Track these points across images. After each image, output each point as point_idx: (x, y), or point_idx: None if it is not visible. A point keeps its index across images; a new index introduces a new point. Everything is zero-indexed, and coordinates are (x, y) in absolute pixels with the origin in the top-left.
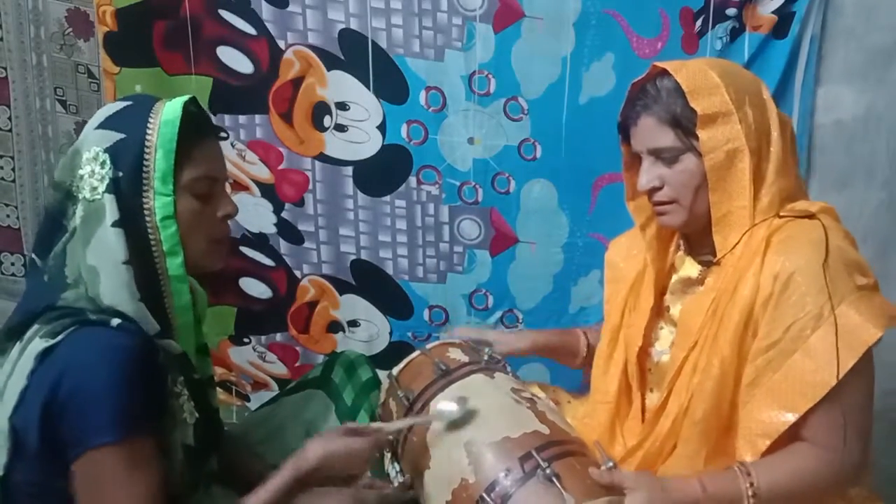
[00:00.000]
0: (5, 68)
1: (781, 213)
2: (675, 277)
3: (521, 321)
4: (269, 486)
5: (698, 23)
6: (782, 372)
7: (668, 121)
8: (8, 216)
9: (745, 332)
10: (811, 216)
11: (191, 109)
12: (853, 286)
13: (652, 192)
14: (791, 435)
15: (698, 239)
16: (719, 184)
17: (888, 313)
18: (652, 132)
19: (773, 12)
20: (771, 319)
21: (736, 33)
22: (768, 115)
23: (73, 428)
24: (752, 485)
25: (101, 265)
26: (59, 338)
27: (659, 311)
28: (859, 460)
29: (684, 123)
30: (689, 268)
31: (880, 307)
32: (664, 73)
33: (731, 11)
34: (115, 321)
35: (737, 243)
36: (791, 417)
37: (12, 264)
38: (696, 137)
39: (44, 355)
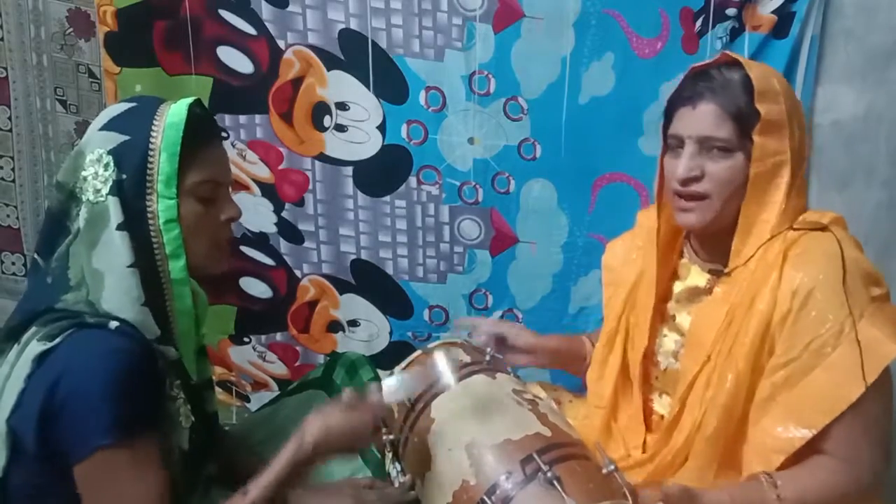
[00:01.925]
0: (6, 68)
1: (795, 226)
2: (680, 286)
3: (520, 321)
4: (271, 469)
5: (698, 23)
6: (800, 388)
7: (732, 113)
8: (8, 216)
9: (762, 347)
10: (823, 228)
11: (196, 112)
12: (869, 299)
13: (688, 182)
14: (806, 450)
15: (710, 245)
16: (756, 194)
17: None
18: (711, 120)
19: (772, 12)
20: (789, 336)
21: (736, 33)
22: (804, 137)
23: (71, 431)
24: (778, 497)
25: (106, 268)
26: (57, 341)
27: (662, 318)
28: (880, 472)
29: (744, 121)
30: (697, 276)
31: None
32: (734, 63)
33: (731, 11)
34: (114, 324)
35: (751, 256)
36: (808, 434)
37: (13, 263)
38: (749, 140)
39: (41, 358)
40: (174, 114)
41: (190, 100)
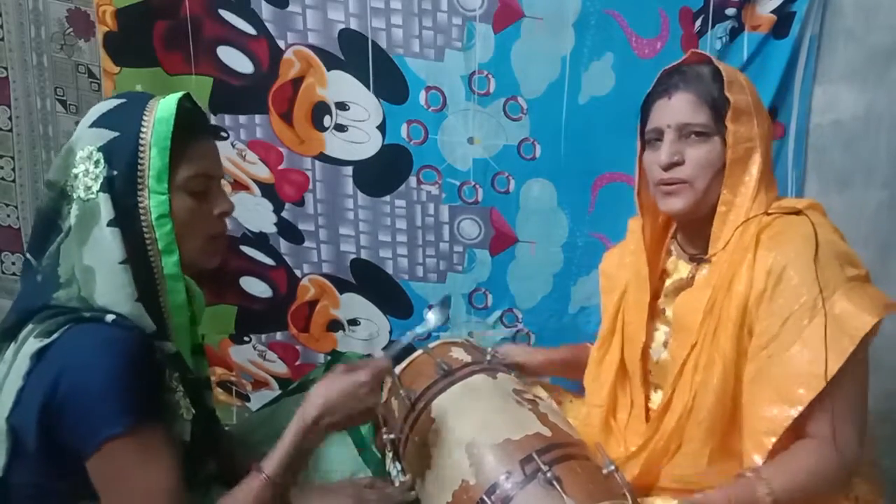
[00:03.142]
0: (6, 68)
1: (770, 211)
2: (668, 282)
3: (520, 320)
4: (280, 444)
5: (698, 23)
6: (782, 366)
7: (707, 100)
8: (8, 216)
9: (742, 329)
10: (798, 212)
11: (185, 106)
12: (844, 277)
13: (670, 167)
14: (797, 431)
15: (692, 233)
16: (732, 179)
17: (881, 302)
18: (688, 107)
19: (772, 12)
20: (768, 314)
21: (735, 33)
22: (770, 127)
23: (78, 426)
24: (768, 486)
25: (97, 265)
26: (54, 336)
27: (654, 314)
28: (858, 452)
29: (718, 108)
30: (682, 269)
31: (873, 296)
32: (702, 60)
33: (731, 11)
34: (110, 317)
35: (728, 241)
36: (794, 412)
37: (13, 263)
38: (724, 126)
39: (39, 354)
40: (163, 109)
41: (179, 94)
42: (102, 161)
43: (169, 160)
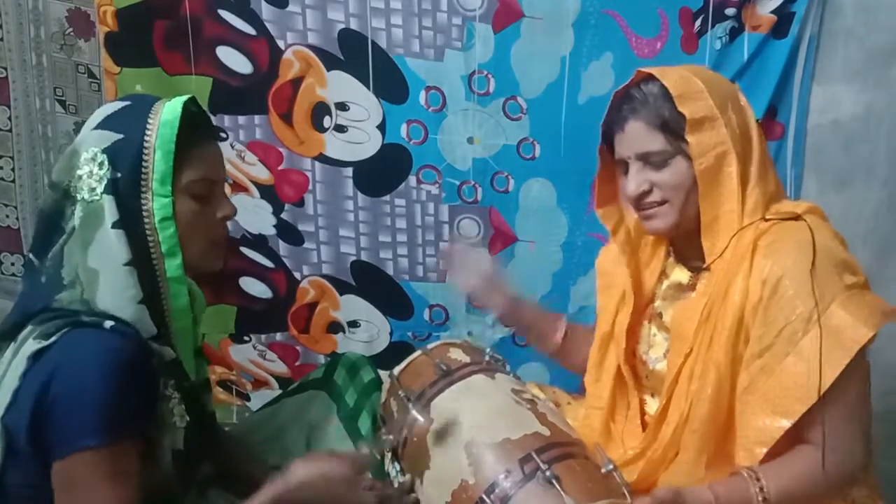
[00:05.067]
0: (5, 68)
1: (767, 216)
2: (665, 283)
3: None
4: (253, 500)
5: (697, 23)
6: (775, 377)
7: (658, 125)
8: (7, 216)
9: (738, 337)
10: (797, 217)
11: (191, 110)
12: (842, 286)
13: (641, 196)
14: (794, 439)
15: (686, 245)
16: (709, 188)
17: (880, 311)
18: (641, 136)
19: (772, 12)
20: (762, 324)
21: (735, 33)
22: (748, 120)
23: (57, 429)
24: (761, 489)
25: (101, 267)
26: (52, 339)
27: (651, 317)
28: (862, 459)
29: (673, 127)
30: (680, 274)
31: (871, 306)
32: (649, 78)
33: (731, 11)
34: (109, 323)
35: (725, 248)
36: (786, 423)
37: (12, 264)
38: (685, 141)
39: (36, 356)
40: (168, 112)
41: (184, 98)
42: (107, 163)
43: (173, 163)
